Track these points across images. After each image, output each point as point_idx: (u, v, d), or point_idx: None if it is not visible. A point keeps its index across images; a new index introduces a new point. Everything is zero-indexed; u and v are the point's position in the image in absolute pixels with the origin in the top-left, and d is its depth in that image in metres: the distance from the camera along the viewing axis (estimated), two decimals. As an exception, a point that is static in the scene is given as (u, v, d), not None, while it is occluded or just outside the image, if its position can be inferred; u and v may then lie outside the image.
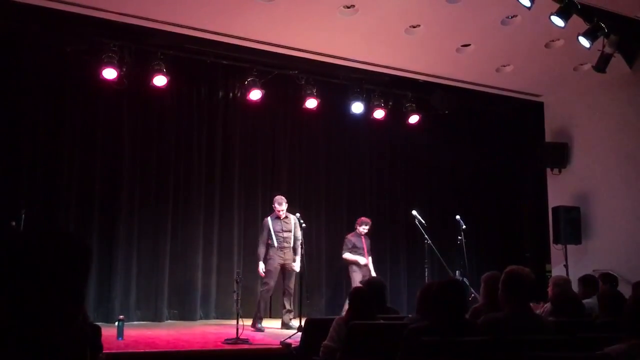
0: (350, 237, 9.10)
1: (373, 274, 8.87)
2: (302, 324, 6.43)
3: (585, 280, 5.77)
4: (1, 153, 7.81)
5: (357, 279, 8.88)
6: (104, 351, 3.77)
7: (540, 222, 10.21)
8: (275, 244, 8.14)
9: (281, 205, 8.27)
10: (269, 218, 8.31)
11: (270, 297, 8.52)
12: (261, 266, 8.12)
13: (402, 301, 9.94)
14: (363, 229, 9.00)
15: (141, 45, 8.09)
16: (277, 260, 8.14)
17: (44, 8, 6.83)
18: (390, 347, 3.76)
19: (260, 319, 8.08)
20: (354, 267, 8.93)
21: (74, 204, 8.29)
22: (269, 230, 8.20)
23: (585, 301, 5.10)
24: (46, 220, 7.94)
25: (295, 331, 6.85)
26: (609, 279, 5.73)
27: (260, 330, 7.87)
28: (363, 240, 9.00)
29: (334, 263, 10.15)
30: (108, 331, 5.45)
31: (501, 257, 10.45)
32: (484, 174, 11.07)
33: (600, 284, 5.68)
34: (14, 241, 1.42)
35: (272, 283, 8.19)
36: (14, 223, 6.94)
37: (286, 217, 8.31)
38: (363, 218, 9.12)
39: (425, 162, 11.00)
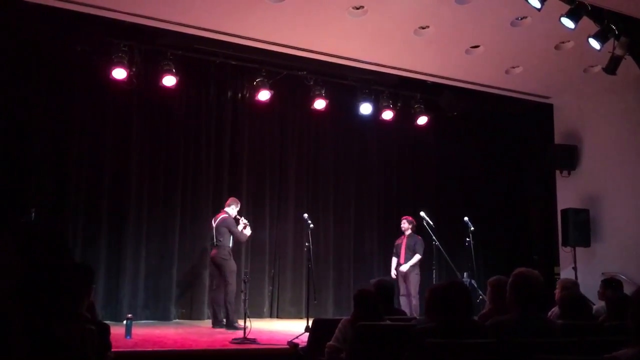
0: (396, 240, 9.09)
1: (403, 268, 8.73)
2: (310, 324, 6.43)
3: (608, 282, 5.72)
4: (11, 152, 7.87)
5: (400, 285, 8.82)
6: (112, 349, 3.79)
7: (549, 224, 10.18)
8: (231, 244, 8.02)
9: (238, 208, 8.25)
10: (231, 219, 8.11)
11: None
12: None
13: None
14: (402, 227, 8.96)
15: (151, 45, 8.13)
16: (233, 262, 8.03)
17: (54, 8, 6.87)
18: (397, 348, 3.76)
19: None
20: (397, 271, 8.91)
21: (82, 203, 8.34)
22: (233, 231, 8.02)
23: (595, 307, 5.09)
24: (56, 220, 8.01)
25: (303, 331, 6.85)
26: (612, 283, 5.66)
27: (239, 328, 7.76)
28: (404, 239, 8.93)
29: (342, 263, 10.16)
30: (116, 330, 5.47)
31: (509, 259, 10.42)
32: (492, 176, 11.03)
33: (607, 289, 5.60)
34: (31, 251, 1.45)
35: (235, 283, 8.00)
36: (23, 221, 6.99)
37: None
38: (404, 216, 9.08)
39: (433, 163, 10.99)
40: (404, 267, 8.74)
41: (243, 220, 8.19)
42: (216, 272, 8.05)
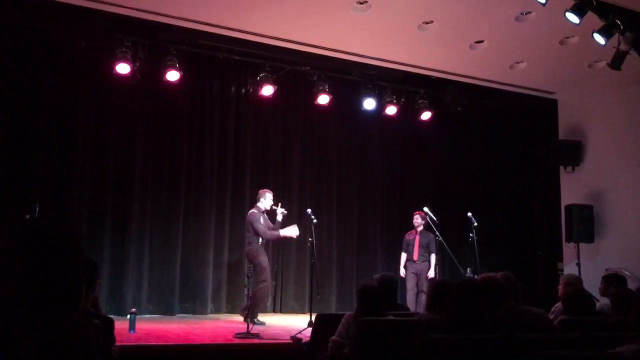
0: (406, 235, 9.05)
1: (430, 274, 8.70)
2: (313, 319, 6.45)
3: (609, 278, 5.70)
4: (15, 147, 7.89)
5: (408, 281, 8.80)
6: (116, 344, 3.81)
7: (552, 220, 10.15)
8: (260, 241, 7.90)
9: (271, 198, 8.04)
10: (256, 214, 7.95)
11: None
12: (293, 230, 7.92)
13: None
14: (415, 223, 8.93)
15: (154, 40, 8.13)
16: (265, 257, 7.95)
17: (57, 3, 6.87)
18: (400, 343, 3.77)
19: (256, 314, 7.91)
20: (406, 267, 8.88)
21: (87, 197, 8.37)
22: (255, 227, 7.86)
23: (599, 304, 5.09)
24: (60, 215, 8.03)
25: (306, 326, 6.87)
26: (613, 279, 5.64)
27: (262, 323, 7.81)
28: (417, 236, 8.90)
29: (345, 259, 10.17)
30: (120, 324, 5.48)
31: (513, 255, 10.42)
32: (496, 171, 11.01)
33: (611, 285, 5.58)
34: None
35: (269, 280, 8.03)
36: (28, 216, 7.02)
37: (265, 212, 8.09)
38: (416, 212, 9.04)
39: (437, 159, 10.98)
40: (431, 273, 8.72)
41: (280, 210, 7.99)
42: (251, 268, 7.85)
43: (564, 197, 9.78)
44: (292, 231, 7.99)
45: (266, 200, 8.05)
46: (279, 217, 8.01)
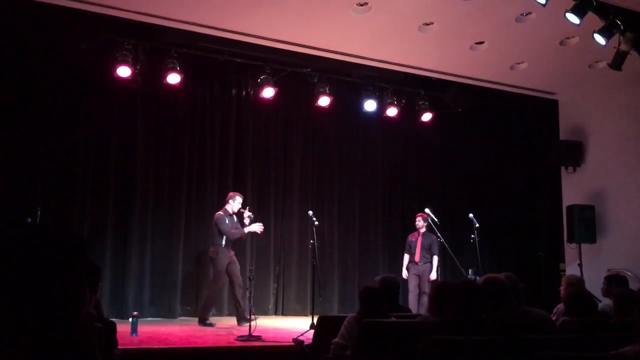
0: (409, 236, 9.06)
1: (432, 276, 8.68)
2: (315, 321, 6.45)
3: (611, 279, 5.70)
4: (17, 150, 7.90)
5: (410, 282, 8.79)
6: (118, 347, 3.81)
7: (554, 220, 10.15)
8: (223, 242, 7.85)
9: (240, 201, 8.05)
10: (221, 216, 7.91)
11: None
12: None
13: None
14: (417, 224, 8.92)
15: (155, 43, 8.15)
16: (224, 260, 7.85)
17: (58, 6, 6.89)
18: (402, 344, 3.77)
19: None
20: (408, 269, 8.88)
21: (88, 201, 8.37)
22: (220, 229, 7.84)
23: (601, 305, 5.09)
24: (61, 218, 8.04)
25: (308, 328, 6.87)
26: (616, 280, 5.63)
27: (211, 325, 7.74)
28: (419, 238, 8.89)
29: (346, 260, 10.17)
30: (122, 327, 5.48)
31: (515, 256, 10.42)
32: (497, 172, 11.01)
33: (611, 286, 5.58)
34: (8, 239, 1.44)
35: (222, 283, 8.01)
36: (29, 220, 7.03)
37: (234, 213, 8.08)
38: (418, 214, 9.03)
39: (438, 160, 10.97)
40: (433, 275, 8.71)
41: (247, 213, 8.04)
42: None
43: (565, 198, 9.78)
44: (255, 227, 8.05)
45: (235, 203, 8.05)
46: (246, 221, 8.03)
